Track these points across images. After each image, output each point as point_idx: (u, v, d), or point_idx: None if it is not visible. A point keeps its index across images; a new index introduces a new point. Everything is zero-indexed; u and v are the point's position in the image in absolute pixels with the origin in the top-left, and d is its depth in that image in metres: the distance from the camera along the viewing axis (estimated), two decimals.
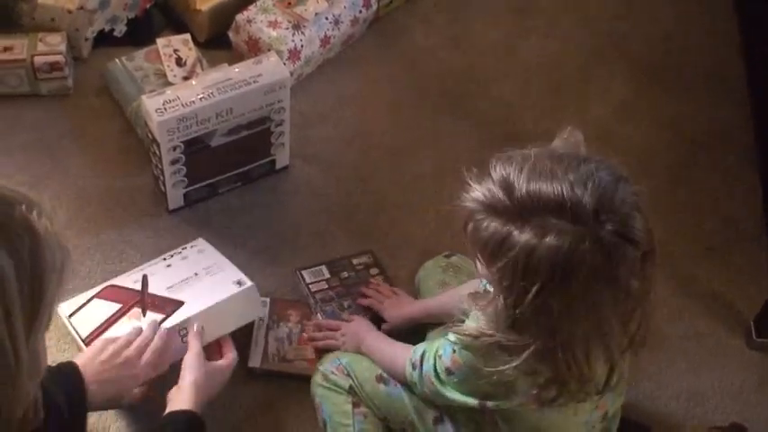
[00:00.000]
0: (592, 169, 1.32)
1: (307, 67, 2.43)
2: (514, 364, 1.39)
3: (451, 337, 1.53)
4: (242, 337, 1.93)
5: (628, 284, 1.33)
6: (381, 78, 2.52)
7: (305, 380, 1.89)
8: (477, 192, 1.35)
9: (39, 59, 2.28)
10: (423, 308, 1.97)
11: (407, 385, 1.72)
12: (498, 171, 1.34)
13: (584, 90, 2.55)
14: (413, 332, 1.94)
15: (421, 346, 1.68)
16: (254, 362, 1.93)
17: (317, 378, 1.84)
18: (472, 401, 1.56)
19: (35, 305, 1.07)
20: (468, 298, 1.50)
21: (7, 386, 1.07)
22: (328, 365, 1.84)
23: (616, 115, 2.50)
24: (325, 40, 2.42)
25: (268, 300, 2.02)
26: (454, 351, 1.53)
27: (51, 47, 2.30)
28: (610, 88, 2.57)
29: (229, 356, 1.79)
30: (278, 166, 2.27)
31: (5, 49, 2.28)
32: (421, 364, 1.64)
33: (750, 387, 2.04)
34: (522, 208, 1.30)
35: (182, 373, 1.70)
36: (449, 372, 1.56)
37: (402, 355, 1.72)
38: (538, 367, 1.41)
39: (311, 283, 2.05)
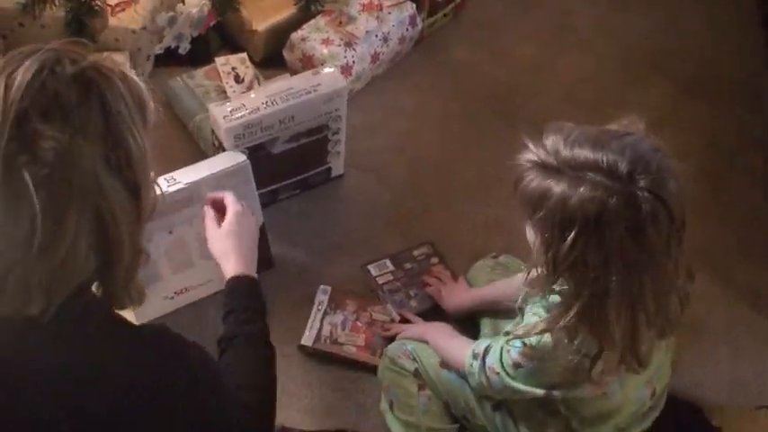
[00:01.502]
0: (633, 139, 1.43)
1: (357, 82, 2.56)
2: (575, 346, 1.48)
3: (519, 331, 1.60)
4: (300, 320, 2.08)
5: (658, 251, 1.41)
6: (427, 92, 2.64)
7: (351, 364, 2.04)
8: (529, 153, 1.46)
9: None
10: (477, 296, 2.05)
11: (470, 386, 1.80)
12: (550, 137, 1.45)
13: (621, 103, 2.66)
14: (468, 318, 2.05)
15: (485, 340, 1.75)
16: (307, 340, 2.06)
17: (385, 362, 1.94)
18: (539, 392, 1.63)
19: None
20: (523, 285, 1.59)
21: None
22: (396, 350, 1.94)
23: (653, 126, 2.55)
24: (374, 57, 2.55)
25: (329, 288, 2.15)
26: (525, 344, 1.59)
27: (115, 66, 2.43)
28: (646, 101, 2.68)
29: (230, 206, 1.82)
30: (333, 174, 2.39)
31: None
32: (484, 356, 1.71)
33: None
34: (564, 165, 1.41)
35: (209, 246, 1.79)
36: (517, 365, 1.63)
37: (465, 346, 1.79)
38: (593, 346, 1.50)
39: (378, 276, 2.17)
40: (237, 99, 2.16)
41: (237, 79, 2.46)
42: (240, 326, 1.62)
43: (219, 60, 2.50)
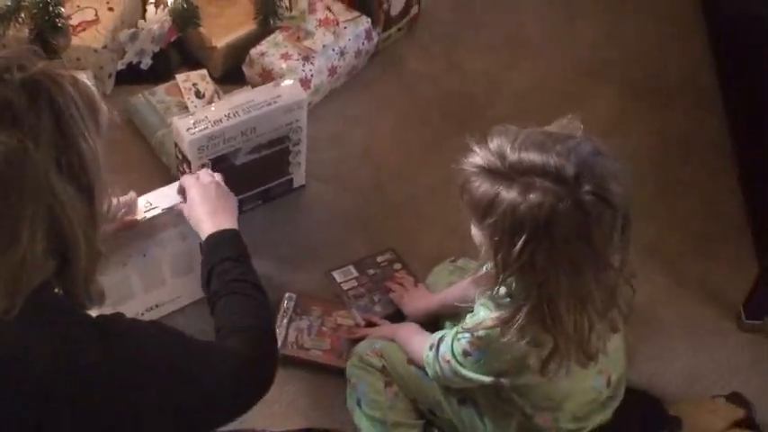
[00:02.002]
0: (576, 143, 1.50)
1: (316, 95, 2.61)
2: (524, 341, 1.55)
3: (468, 324, 1.67)
4: None
5: (604, 248, 1.48)
6: (385, 103, 2.71)
7: (317, 368, 2.09)
8: (476, 157, 1.52)
9: None
10: (437, 300, 2.10)
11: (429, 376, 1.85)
12: (495, 140, 1.52)
13: (573, 109, 2.70)
14: (431, 324, 2.07)
15: (440, 332, 1.82)
16: None
17: (354, 360, 2.00)
18: (487, 379, 1.70)
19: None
20: (471, 282, 1.69)
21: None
22: (364, 348, 2.01)
23: (605, 130, 2.66)
24: (332, 70, 2.61)
25: (295, 295, 2.20)
26: (473, 335, 1.66)
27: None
28: (597, 107, 2.75)
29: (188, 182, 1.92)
30: (295, 184, 2.44)
31: None
32: (438, 346, 1.77)
33: (744, 365, 2.20)
34: (511, 170, 1.47)
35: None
36: (466, 353, 1.69)
37: (428, 341, 1.85)
38: (540, 337, 1.56)
39: (342, 282, 2.22)
40: (200, 112, 2.21)
41: (198, 95, 2.51)
42: (222, 277, 1.67)
43: (180, 77, 2.55)
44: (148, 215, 1.99)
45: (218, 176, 1.94)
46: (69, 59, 2.50)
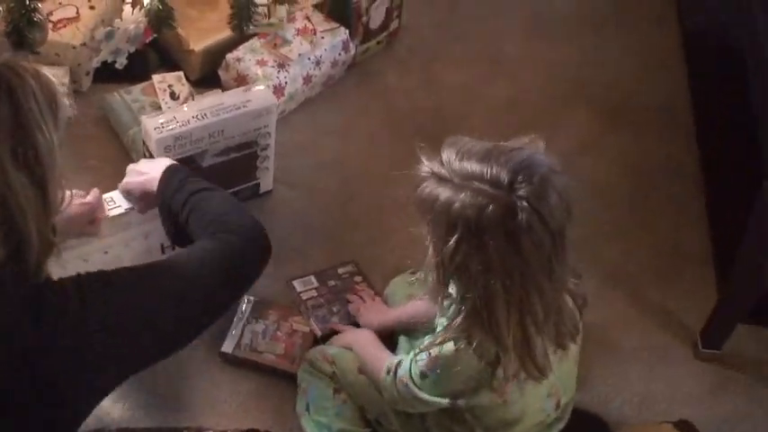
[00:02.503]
0: (522, 152, 1.53)
1: (290, 102, 2.63)
2: (471, 348, 1.58)
3: (425, 343, 1.70)
4: (224, 328, 2.16)
5: (536, 259, 1.50)
6: (359, 114, 2.72)
7: (269, 371, 2.11)
8: (425, 166, 1.58)
9: None
10: (394, 316, 2.12)
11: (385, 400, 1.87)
12: (445, 150, 1.58)
13: (547, 128, 2.68)
14: (386, 337, 2.09)
15: (399, 356, 1.84)
16: (227, 347, 2.13)
17: (305, 365, 2.03)
18: (444, 401, 1.71)
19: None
20: (424, 294, 1.70)
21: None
22: (316, 353, 2.03)
23: (577, 151, 2.70)
24: (307, 79, 2.62)
25: (253, 298, 2.21)
26: (430, 354, 1.68)
27: (55, 78, 2.46)
28: (570, 127, 2.77)
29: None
30: (262, 189, 2.45)
31: None
32: (396, 370, 1.78)
33: (697, 393, 2.21)
34: (454, 175, 1.52)
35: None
36: (423, 375, 1.71)
37: (385, 359, 1.87)
38: (491, 349, 1.59)
39: (302, 292, 2.23)
40: (170, 112, 2.23)
41: (173, 96, 2.52)
42: (185, 191, 1.75)
43: (157, 78, 2.56)
44: (111, 213, 2.00)
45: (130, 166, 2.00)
46: (47, 55, 2.51)
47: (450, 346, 1.63)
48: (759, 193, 1.98)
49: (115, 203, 2.02)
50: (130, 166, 1.97)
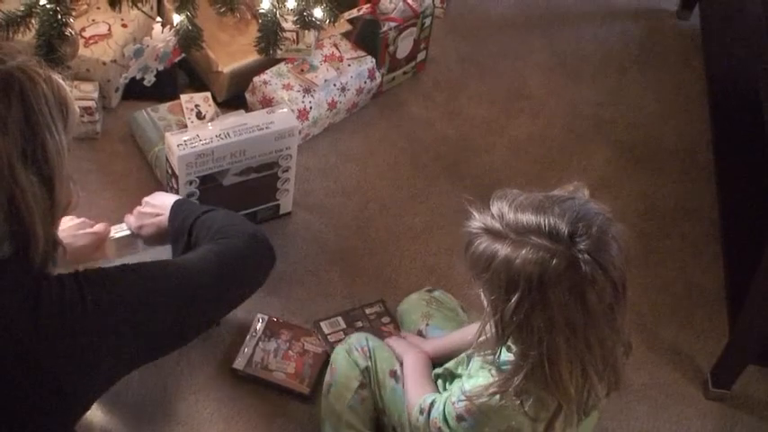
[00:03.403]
0: (575, 203, 1.51)
1: (314, 127, 2.67)
2: (524, 409, 1.57)
3: (466, 387, 1.67)
4: (237, 345, 2.19)
5: (599, 309, 1.48)
6: (381, 142, 2.75)
7: (279, 390, 2.14)
8: (477, 220, 1.55)
9: None
10: (432, 348, 2.05)
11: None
12: (495, 203, 1.55)
13: (566, 164, 2.78)
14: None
15: (432, 395, 1.81)
16: (239, 364, 2.15)
17: (343, 347, 2.04)
18: None
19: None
20: (474, 346, 1.67)
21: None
22: (355, 342, 2.03)
23: (595, 188, 2.69)
24: (331, 104, 2.66)
25: (266, 317, 2.24)
26: (471, 400, 1.65)
27: (85, 93, 2.53)
28: (590, 164, 2.79)
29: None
30: (281, 211, 2.48)
31: None
32: (429, 411, 1.78)
33: None
34: (509, 230, 1.50)
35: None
36: (460, 418, 1.68)
37: (424, 393, 1.85)
38: (539, 413, 1.58)
39: (330, 334, 2.22)
40: (193, 130, 2.27)
41: (199, 116, 2.57)
42: (193, 215, 1.84)
43: (184, 97, 2.61)
44: (117, 235, 2.03)
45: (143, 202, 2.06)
46: (78, 70, 2.57)
47: (496, 398, 1.61)
48: None
49: (122, 227, 2.06)
50: (138, 209, 2.04)
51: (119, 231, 2.04)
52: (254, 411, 2.12)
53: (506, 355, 1.60)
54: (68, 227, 1.94)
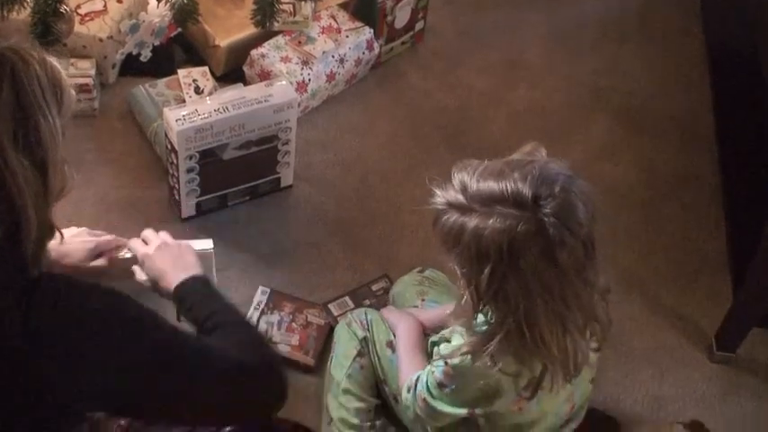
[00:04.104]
0: (536, 165, 1.50)
1: (313, 100, 2.66)
2: (496, 368, 1.57)
3: (444, 351, 1.69)
4: None
5: (572, 269, 1.49)
6: (380, 114, 2.74)
7: (284, 362, 2.05)
8: (440, 196, 1.55)
9: (69, 81, 2.49)
10: (427, 318, 2.05)
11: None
12: (457, 176, 1.55)
13: (567, 134, 2.77)
14: None
15: (418, 372, 1.81)
16: None
17: (344, 321, 2.07)
18: (461, 411, 1.71)
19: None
20: (449, 316, 1.70)
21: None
22: (355, 316, 2.06)
23: (596, 157, 2.71)
24: (330, 76, 2.65)
25: (269, 290, 2.23)
26: (446, 364, 1.67)
27: (81, 70, 2.52)
28: (591, 134, 2.79)
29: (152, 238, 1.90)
30: (282, 184, 2.48)
31: None
32: (415, 387, 1.78)
33: (710, 395, 2.21)
34: (473, 202, 1.50)
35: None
36: (441, 385, 1.70)
37: (415, 369, 1.84)
38: (519, 368, 1.59)
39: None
40: (192, 104, 2.26)
41: (198, 91, 2.56)
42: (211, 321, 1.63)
43: (182, 72, 2.60)
44: (123, 255, 1.97)
45: (163, 234, 1.91)
46: (74, 47, 2.57)
47: (469, 358, 1.62)
48: None
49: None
50: (156, 241, 1.89)
51: (126, 253, 1.97)
52: None
53: (481, 318, 1.61)
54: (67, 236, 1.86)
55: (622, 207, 2.58)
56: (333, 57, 2.65)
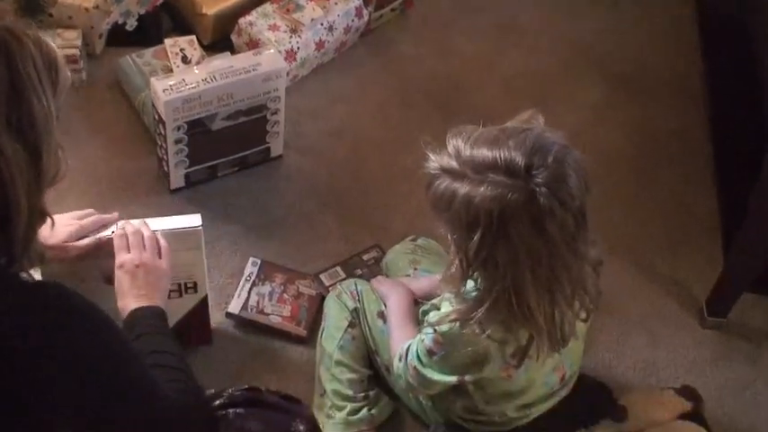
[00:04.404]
0: (531, 134, 1.51)
1: (302, 68, 2.64)
2: (484, 335, 1.59)
3: (432, 319, 1.70)
4: (231, 290, 2.18)
5: (562, 239, 1.50)
6: (371, 82, 2.72)
7: (275, 333, 2.13)
8: (434, 161, 1.56)
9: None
10: (418, 287, 2.05)
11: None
12: (451, 141, 1.55)
13: (559, 98, 2.75)
14: None
15: (409, 341, 1.82)
16: (234, 308, 2.14)
17: (333, 292, 2.07)
18: (451, 379, 1.72)
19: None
20: (439, 283, 1.70)
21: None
22: (345, 287, 2.06)
23: (589, 120, 2.70)
24: (319, 44, 2.63)
25: (260, 261, 2.22)
26: (435, 331, 1.69)
27: (68, 41, 2.50)
28: (583, 97, 2.77)
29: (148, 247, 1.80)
30: (272, 154, 2.46)
31: None
32: (406, 356, 1.79)
33: (702, 361, 2.21)
34: (466, 168, 1.50)
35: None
36: (431, 353, 1.71)
37: (406, 338, 1.85)
38: (505, 335, 1.60)
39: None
40: (179, 74, 2.24)
41: (185, 60, 2.53)
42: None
43: (168, 41, 2.57)
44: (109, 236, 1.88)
45: (149, 242, 1.81)
46: (60, 18, 2.54)
47: (457, 325, 1.63)
48: (765, 160, 1.98)
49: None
50: (135, 256, 1.78)
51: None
52: (252, 355, 2.11)
53: (470, 284, 1.62)
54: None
55: (614, 171, 2.56)
56: (322, 24, 2.62)
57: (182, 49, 2.55)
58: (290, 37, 2.57)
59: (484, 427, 1.85)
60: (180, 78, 2.20)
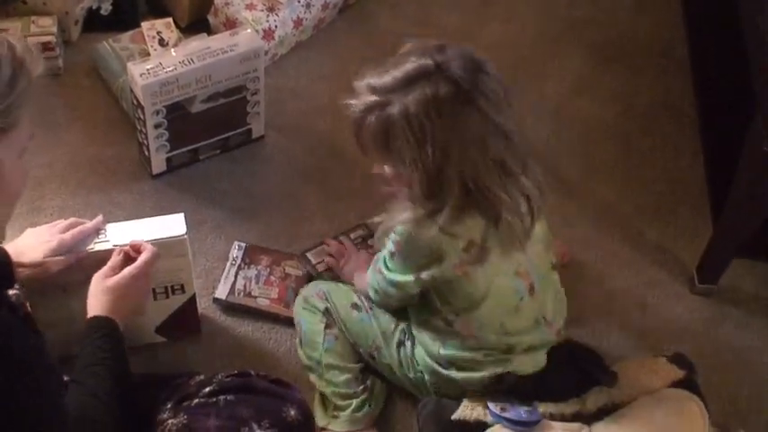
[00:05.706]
0: (429, 45, 1.66)
1: (281, 47, 2.60)
2: (438, 225, 1.66)
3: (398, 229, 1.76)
4: (217, 274, 2.16)
5: (496, 114, 1.61)
6: (351, 58, 2.68)
7: (264, 316, 2.12)
8: (354, 104, 1.67)
9: (32, 40, 2.44)
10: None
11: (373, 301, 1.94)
12: (359, 82, 1.68)
13: (542, 69, 2.73)
14: None
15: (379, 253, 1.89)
16: (221, 293, 2.12)
17: (299, 301, 2.04)
18: (409, 277, 1.78)
19: None
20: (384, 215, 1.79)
21: None
22: (310, 290, 2.04)
23: (572, 91, 2.68)
24: (297, 22, 2.60)
25: (244, 244, 2.20)
26: (395, 234, 1.76)
27: (43, 28, 2.47)
28: (566, 67, 2.75)
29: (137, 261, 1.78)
30: (254, 135, 2.43)
31: (0, 31, 2.45)
32: (375, 264, 1.88)
33: (693, 328, 2.20)
34: (386, 93, 1.62)
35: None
36: (392, 255, 1.80)
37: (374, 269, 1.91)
38: (456, 228, 1.67)
39: (318, 263, 2.17)
40: (156, 57, 2.21)
41: (162, 43, 2.50)
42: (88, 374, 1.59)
43: (145, 25, 2.54)
44: (96, 247, 1.83)
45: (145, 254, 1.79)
46: (35, 4, 2.51)
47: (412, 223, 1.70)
48: (751, 127, 1.96)
49: (105, 237, 1.85)
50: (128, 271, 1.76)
51: (98, 243, 1.84)
52: (241, 339, 2.09)
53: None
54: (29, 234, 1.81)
55: (600, 140, 2.55)
56: (299, 2, 2.59)
57: (158, 32, 2.52)
58: (268, 15, 2.53)
59: (472, 376, 1.84)
60: (157, 62, 2.16)
